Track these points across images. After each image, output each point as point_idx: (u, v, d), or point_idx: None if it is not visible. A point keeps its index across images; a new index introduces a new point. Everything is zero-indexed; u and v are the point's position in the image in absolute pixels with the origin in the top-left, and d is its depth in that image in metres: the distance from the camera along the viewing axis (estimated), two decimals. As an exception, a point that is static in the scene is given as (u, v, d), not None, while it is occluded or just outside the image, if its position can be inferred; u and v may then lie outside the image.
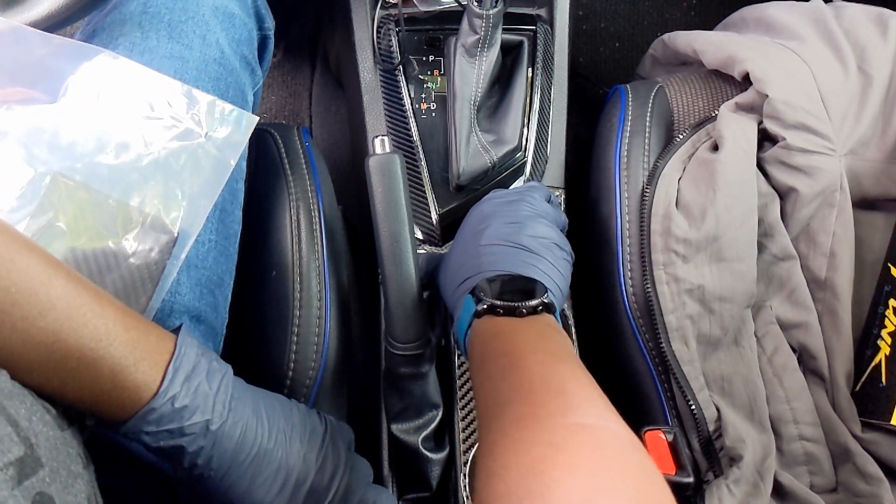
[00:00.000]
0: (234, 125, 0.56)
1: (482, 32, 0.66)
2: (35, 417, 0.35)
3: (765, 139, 0.71)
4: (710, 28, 0.86)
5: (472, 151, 0.68)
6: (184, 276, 0.55)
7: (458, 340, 0.54)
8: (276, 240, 0.65)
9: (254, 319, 0.65)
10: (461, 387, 0.63)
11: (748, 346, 0.67)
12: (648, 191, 0.69)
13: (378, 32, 0.76)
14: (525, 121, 0.73)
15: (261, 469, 0.46)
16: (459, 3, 0.67)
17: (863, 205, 0.70)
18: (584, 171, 0.78)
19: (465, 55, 0.69)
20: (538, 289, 0.52)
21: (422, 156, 0.72)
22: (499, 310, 0.50)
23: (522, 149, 0.72)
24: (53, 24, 0.52)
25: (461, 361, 0.64)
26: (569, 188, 0.75)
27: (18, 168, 0.51)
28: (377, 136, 0.55)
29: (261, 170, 0.70)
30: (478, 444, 0.42)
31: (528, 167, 0.73)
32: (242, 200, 0.64)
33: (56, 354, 0.39)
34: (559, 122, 0.77)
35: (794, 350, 0.68)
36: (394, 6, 0.76)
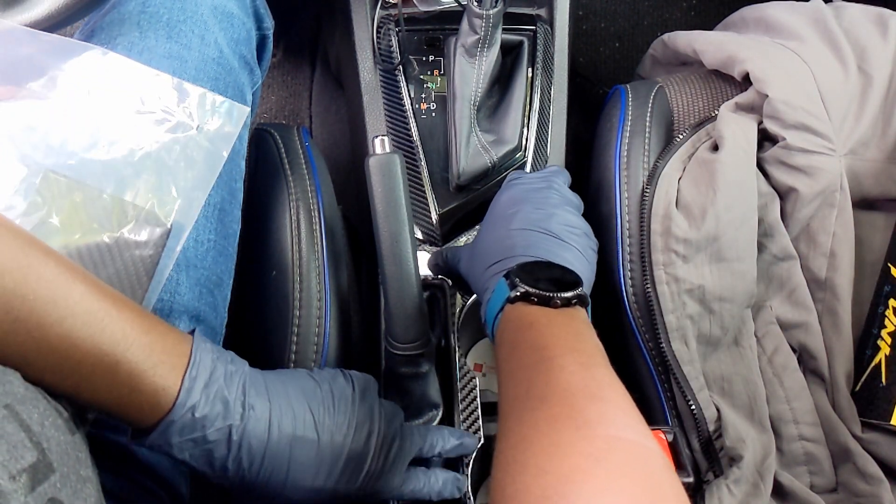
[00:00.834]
0: (226, 117, 0.56)
1: (482, 32, 0.66)
2: (47, 422, 0.35)
3: (765, 139, 0.71)
4: (710, 28, 0.86)
5: (472, 151, 0.68)
6: (183, 276, 0.55)
7: (486, 322, 0.54)
8: (276, 240, 0.65)
9: (254, 319, 0.65)
10: (462, 388, 0.63)
11: (748, 346, 0.67)
12: (648, 191, 0.69)
13: (378, 32, 0.76)
14: (525, 121, 0.73)
15: (294, 456, 0.46)
16: (459, 3, 0.67)
17: (863, 205, 0.70)
18: (584, 171, 0.78)
19: (465, 55, 0.69)
20: (572, 279, 0.51)
21: (422, 156, 0.72)
22: (533, 298, 0.49)
23: (522, 149, 0.72)
24: (53, 25, 0.52)
25: (462, 363, 0.64)
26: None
27: (10, 166, 0.51)
28: (377, 136, 0.55)
29: (261, 170, 0.70)
30: (502, 431, 0.41)
31: (528, 167, 0.73)
32: (242, 200, 0.64)
33: (72, 359, 0.39)
34: (559, 122, 0.77)
35: (794, 350, 0.68)
36: (394, 6, 0.76)
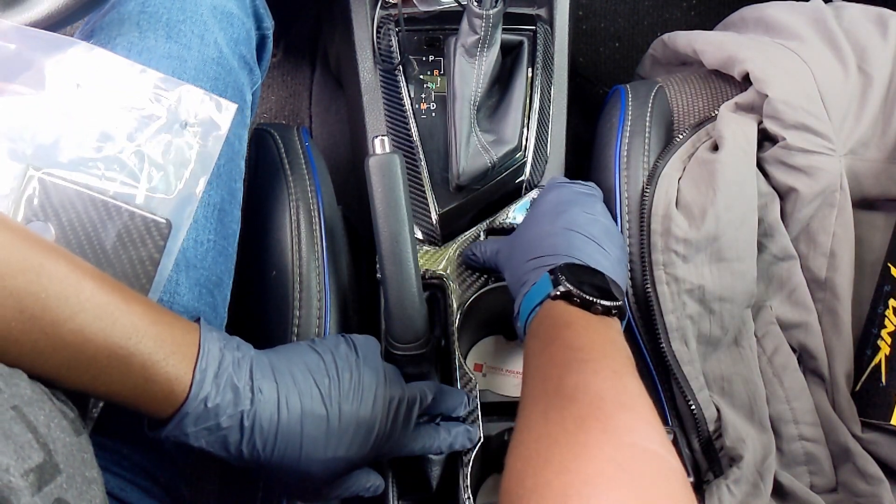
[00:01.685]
0: (215, 113, 0.57)
1: (482, 32, 0.66)
2: (53, 424, 0.36)
3: (765, 139, 0.71)
4: (710, 28, 0.86)
5: (472, 151, 0.68)
6: (182, 277, 0.55)
7: (519, 314, 0.54)
8: (276, 240, 0.65)
9: (254, 319, 0.65)
10: (462, 387, 0.63)
11: (748, 346, 0.67)
12: (648, 191, 0.69)
13: (378, 32, 0.76)
14: (525, 121, 0.73)
15: (306, 432, 0.47)
16: (459, 3, 0.67)
17: (863, 205, 0.70)
18: (584, 171, 0.78)
19: (465, 55, 0.68)
20: (614, 290, 0.52)
21: (422, 156, 0.72)
22: (575, 299, 0.50)
23: (522, 149, 0.72)
24: (53, 25, 0.52)
25: (460, 364, 0.64)
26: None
27: (3, 165, 0.51)
28: (377, 136, 0.55)
29: (261, 170, 0.70)
30: (524, 423, 0.41)
31: (528, 167, 0.73)
32: (241, 200, 0.64)
33: (86, 354, 0.40)
34: (559, 122, 0.77)
35: (794, 350, 0.68)
36: (394, 6, 0.76)
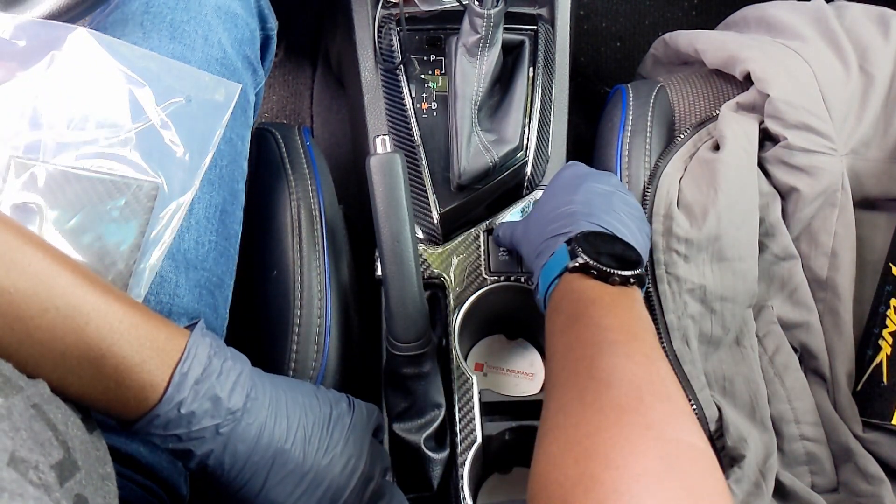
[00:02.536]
0: (217, 94, 0.56)
1: (483, 32, 0.66)
2: (70, 422, 0.36)
3: (766, 139, 0.71)
4: (712, 27, 0.86)
5: (474, 151, 0.68)
6: (182, 278, 0.55)
7: (538, 287, 0.54)
8: (277, 239, 0.65)
9: (255, 319, 0.65)
10: (460, 387, 0.63)
11: (749, 346, 0.67)
12: (650, 190, 0.69)
13: (379, 32, 0.76)
14: (526, 120, 0.73)
15: (276, 470, 0.45)
16: (460, 3, 0.67)
17: (864, 204, 0.70)
18: (586, 171, 0.78)
19: (467, 55, 0.68)
20: (633, 258, 0.51)
21: (423, 155, 0.71)
22: (593, 271, 0.49)
23: (523, 148, 0.72)
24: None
25: (458, 363, 0.64)
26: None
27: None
28: (378, 136, 0.55)
29: (262, 169, 0.70)
30: (556, 403, 0.40)
31: (530, 167, 0.73)
32: (244, 201, 0.64)
33: (55, 352, 0.39)
34: (560, 122, 0.77)
35: (796, 350, 0.68)
36: (395, 6, 0.76)
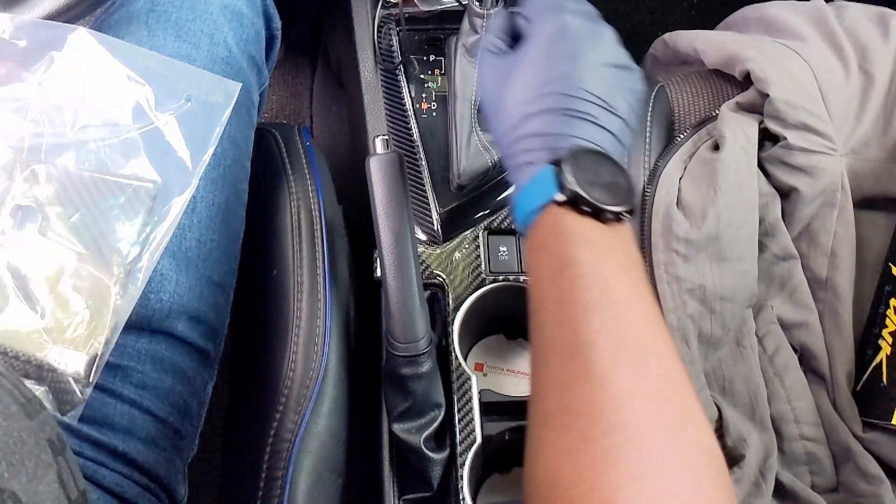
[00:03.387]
0: (217, 93, 0.56)
1: (483, 32, 0.66)
2: None
3: (766, 139, 0.71)
4: (711, 27, 0.86)
5: (473, 151, 0.68)
6: (183, 277, 0.55)
7: (516, 215, 0.45)
8: (277, 239, 0.65)
9: (255, 318, 0.65)
10: (460, 387, 0.63)
11: (749, 346, 0.67)
12: (649, 190, 0.69)
13: (379, 32, 0.76)
14: (526, 120, 0.73)
15: None
16: (460, 3, 0.67)
17: (864, 204, 0.70)
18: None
19: (466, 55, 0.68)
20: (625, 185, 0.43)
21: (422, 155, 0.71)
22: (584, 208, 0.41)
23: (523, 148, 0.72)
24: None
25: (458, 364, 0.64)
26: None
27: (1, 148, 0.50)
28: (378, 136, 0.55)
29: (261, 169, 0.70)
30: (548, 397, 0.36)
31: (529, 167, 0.73)
32: (246, 201, 0.64)
33: None
34: (560, 122, 0.77)
35: (796, 350, 0.68)
36: (395, 6, 0.76)
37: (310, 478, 0.59)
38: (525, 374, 0.70)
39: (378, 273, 0.65)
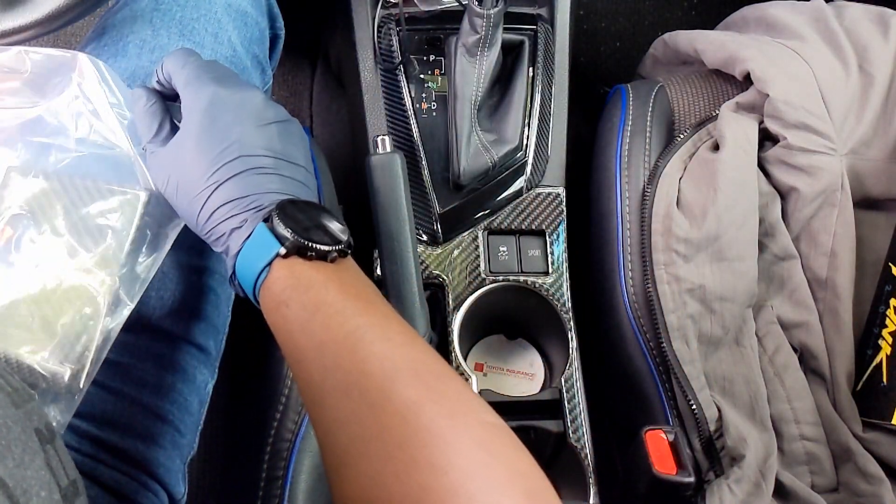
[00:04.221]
0: None
1: (483, 32, 0.66)
2: None
3: (766, 139, 0.71)
4: (711, 27, 0.86)
5: (473, 151, 0.68)
6: (184, 275, 0.55)
7: (235, 274, 0.44)
8: (277, 239, 0.65)
9: (255, 318, 0.65)
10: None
11: (749, 346, 0.67)
12: (649, 190, 0.69)
13: (379, 32, 0.76)
14: (526, 120, 0.73)
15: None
16: (460, 3, 0.67)
17: (864, 204, 0.70)
18: (585, 171, 0.78)
19: (466, 55, 0.69)
20: (331, 223, 0.44)
21: (422, 155, 0.72)
22: (310, 254, 0.41)
23: (523, 148, 0.72)
24: (56, 25, 0.52)
25: (458, 364, 0.64)
26: (569, 188, 0.75)
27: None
28: (378, 136, 0.55)
29: (262, 169, 0.70)
30: (340, 432, 0.35)
31: (529, 167, 0.73)
32: None
33: None
34: (560, 122, 0.77)
35: (796, 350, 0.68)
36: (395, 6, 0.76)
37: (310, 478, 0.59)
38: (525, 374, 0.70)
39: (378, 272, 0.65)
